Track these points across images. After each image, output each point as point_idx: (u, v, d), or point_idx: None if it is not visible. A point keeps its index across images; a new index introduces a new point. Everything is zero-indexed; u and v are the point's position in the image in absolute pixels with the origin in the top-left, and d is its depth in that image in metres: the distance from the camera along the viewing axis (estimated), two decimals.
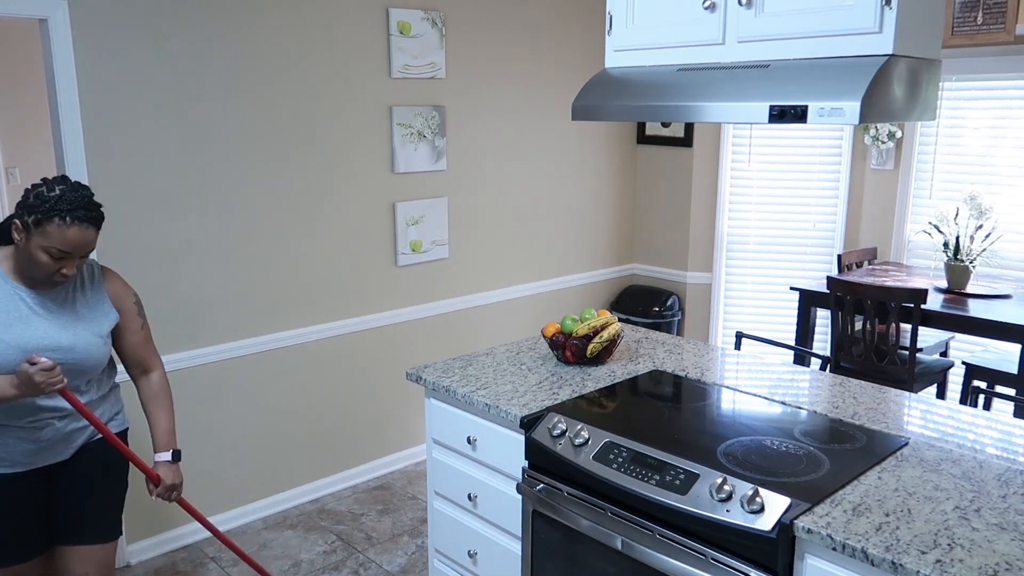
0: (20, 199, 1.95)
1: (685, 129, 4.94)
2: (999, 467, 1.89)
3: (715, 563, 1.77)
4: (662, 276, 5.21)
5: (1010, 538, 1.58)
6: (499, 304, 4.53)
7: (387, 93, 3.83)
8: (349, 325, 3.86)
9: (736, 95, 1.99)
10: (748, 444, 2.01)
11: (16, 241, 1.96)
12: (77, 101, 2.94)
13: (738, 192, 4.94)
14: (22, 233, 1.94)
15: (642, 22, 2.31)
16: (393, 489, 3.95)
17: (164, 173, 3.19)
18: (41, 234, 1.92)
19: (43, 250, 1.93)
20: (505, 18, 4.26)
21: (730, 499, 1.77)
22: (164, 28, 3.12)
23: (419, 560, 3.32)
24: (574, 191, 4.83)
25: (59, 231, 1.92)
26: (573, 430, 2.12)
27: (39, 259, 1.94)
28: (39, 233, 1.92)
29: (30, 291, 2.02)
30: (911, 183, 4.52)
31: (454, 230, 4.22)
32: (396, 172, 3.92)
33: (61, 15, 2.86)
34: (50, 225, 1.91)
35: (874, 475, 1.85)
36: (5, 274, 2.01)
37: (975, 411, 2.28)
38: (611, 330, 2.58)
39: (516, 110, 4.40)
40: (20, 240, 1.95)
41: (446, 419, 2.50)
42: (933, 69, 2.03)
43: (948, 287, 3.99)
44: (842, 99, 1.79)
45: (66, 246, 1.93)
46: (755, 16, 2.06)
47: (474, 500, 2.44)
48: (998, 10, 3.75)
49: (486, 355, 2.74)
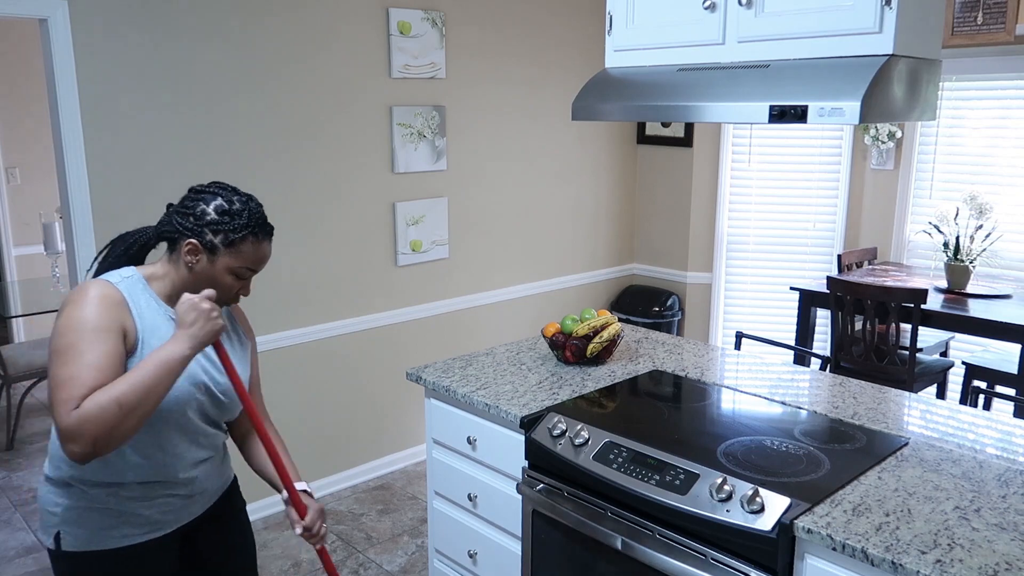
0: (187, 218, 1.67)
1: (685, 129, 4.94)
2: (999, 467, 1.89)
3: (715, 563, 1.77)
4: (662, 276, 5.21)
5: (1010, 538, 1.58)
6: (499, 304, 4.53)
7: (387, 93, 3.83)
8: (349, 325, 3.86)
9: (736, 95, 1.99)
10: (748, 444, 2.01)
11: (190, 263, 1.67)
12: (77, 101, 2.94)
13: (738, 192, 4.94)
14: (201, 255, 1.66)
15: (642, 22, 2.31)
16: (393, 489, 3.95)
17: (164, 173, 3.19)
18: (233, 254, 1.68)
19: (230, 271, 1.69)
20: (505, 18, 4.26)
21: (730, 499, 1.77)
22: (164, 28, 3.12)
23: (419, 560, 3.32)
24: (574, 191, 4.83)
25: (253, 249, 1.70)
26: (573, 430, 2.12)
27: (224, 281, 1.69)
28: (229, 253, 1.67)
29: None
30: (911, 183, 4.52)
31: (454, 230, 4.22)
32: (396, 172, 3.92)
33: (61, 15, 2.86)
34: (244, 244, 1.68)
35: (874, 475, 1.85)
36: (159, 298, 1.69)
37: (975, 411, 2.28)
38: (611, 330, 2.58)
39: (516, 110, 4.40)
40: (196, 262, 1.67)
41: (446, 419, 2.50)
42: (933, 69, 2.03)
43: (948, 287, 3.98)
44: (842, 99, 1.79)
45: (258, 264, 1.73)
46: (755, 16, 2.06)
47: (474, 500, 2.44)
48: (998, 10, 3.75)
49: (486, 355, 2.74)
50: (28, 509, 3.78)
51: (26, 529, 3.60)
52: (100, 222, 3.05)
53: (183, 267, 1.68)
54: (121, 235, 1.77)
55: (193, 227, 1.66)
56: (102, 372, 1.51)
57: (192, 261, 1.67)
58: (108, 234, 3.07)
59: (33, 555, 3.38)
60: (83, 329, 1.53)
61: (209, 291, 1.64)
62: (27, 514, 3.74)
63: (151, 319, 1.65)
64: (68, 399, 1.47)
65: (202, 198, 1.68)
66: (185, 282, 1.69)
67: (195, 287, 1.68)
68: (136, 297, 1.64)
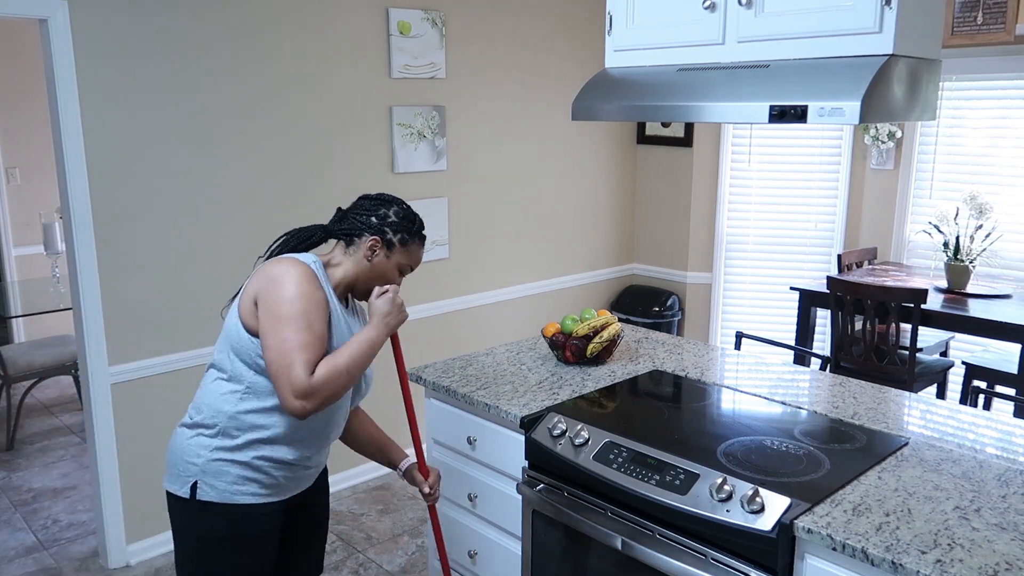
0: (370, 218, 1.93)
1: (685, 129, 4.94)
2: (999, 467, 1.89)
3: (715, 563, 1.77)
4: (662, 276, 5.21)
5: (1010, 538, 1.58)
6: (499, 304, 4.53)
7: (387, 93, 3.83)
8: None
9: (736, 95, 1.99)
10: (748, 444, 2.01)
11: (369, 258, 1.93)
12: (77, 101, 2.94)
13: (738, 192, 4.93)
14: (381, 250, 1.94)
15: (642, 22, 2.31)
16: (393, 489, 3.95)
17: (164, 173, 3.19)
18: (405, 252, 1.97)
19: (399, 268, 1.98)
20: (505, 18, 4.26)
21: (730, 499, 1.77)
22: (164, 28, 3.12)
23: (419, 560, 3.32)
24: (574, 191, 4.83)
25: (419, 250, 2.01)
26: (573, 430, 2.12)
27: (392, 275, 1.97)
28: (403, 252, 1.97)
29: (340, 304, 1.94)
30: (911, 183, 4.52)
31: (454, 230, 4.22)
32: (396, 172, 3.92)
33: (61, 15, 2.86)
34: (413, 244, 1.98)
35: (874, 475, 1.85)
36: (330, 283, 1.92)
37: (975, 411, 2.28)
38: (611, 330, 2.58)
39: (516, 110, 4.40)
40: (375, 256, 1.93)
41: (446, 419, 2.50)
42: (933, 69, 2.03)
43: (948, 287, 3.98)
44: (842, 99, 1.79)
45: (417, 264, 2.03)
46: (755, 16, 2.06)
47: (474, 500, 2.44)
48: (998, 10, 3.75)
49: (486, 355, 2.74)
50: (28, 509, 3.79)
51: (26, 529, 3.60)
52: (100, 222, 3.05)
53: (362, 260, 1.94)
54: (295, 231, 2.00)
55: (377, 227, 1.94)
56: (324, 342, 1.80)
57: (371, 256, 1.93)
58: (108, 234, 3.07)
59: (33, 555, 3.38)
60: (310, 299, 1.78)
61: (396, 287, 1.96)
62: (27, 514, 3.74)
63: (331, 300, 1.89)
64: (307, 362, 1.73)
65: (383, 203, 1.97)
66: (359, 273, 1.95)
67: (368, 279, 1.95)
68: (323, 279, 1.87)
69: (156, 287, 3.21)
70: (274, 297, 1.77)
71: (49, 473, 4.17)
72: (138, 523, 3.30)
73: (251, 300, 1.82)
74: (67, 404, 5.14)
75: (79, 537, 3.52)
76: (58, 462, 4.30)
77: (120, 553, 3.29)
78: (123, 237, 3.12)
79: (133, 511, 3.26)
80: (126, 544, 3.30)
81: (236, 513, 1.85)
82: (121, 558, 3.29)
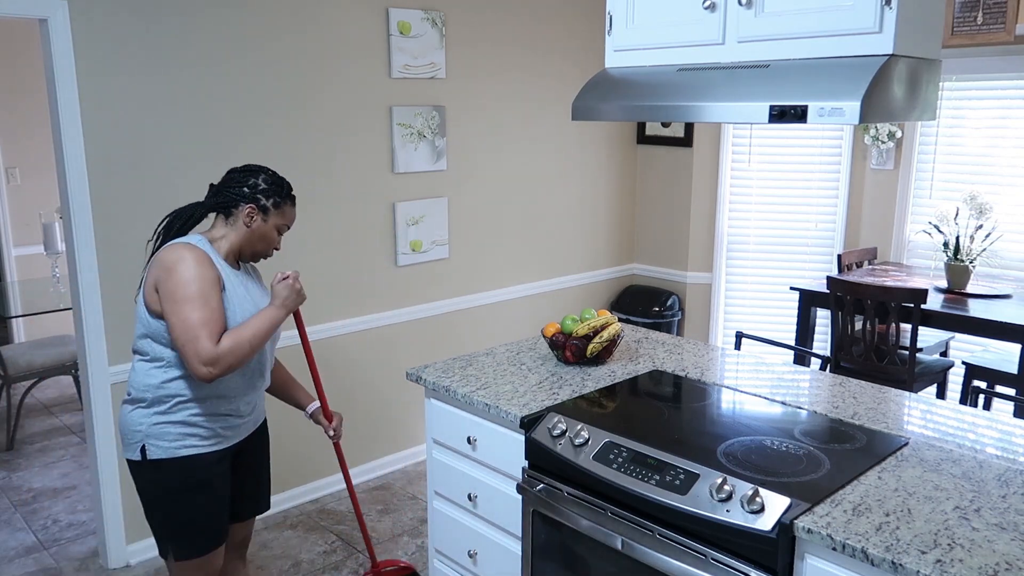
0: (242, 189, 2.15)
1: (685, 129, 4.94)
2: (999, 467, 1.89)
3: (715, 563, 1.77)
4: (662, 276, 5.21)
5: (1010, 538, 1.58)
6: (499, 304, 4.53)
7: (387, 93, 3.83)
8: (349, 325, 3.86)
9: (736, 95, 1.99)
10: (748, 444, 2.01)
11: (248, 224, 2.16)
12: (77, 101, 2.94)
13: (738, 192, 4.93)
14: (258, 215, 2.16)
15: (642, 22, 2.31)
16: (393, 489, 3.95)
17: (164, 173, 3.19)
18: (279, 214, 2.20)
19: (277, 229, 2.21)
20: (505, 18, 4.26)
21: (730, 499, 1.77)
22: (164, 28, 3.12)
23: (419, 560, 3.32)
24: (574, 191, 4.83)
25: (292, 210, 2.24)
26: (573, 430, 2.12)
27: (272, 237, 2.21)
28: (277, 214, 2.20)
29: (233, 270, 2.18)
30: (911, 183, 4.52)
31: (454, 230, 4.22)
32: (396, 172, 3.92)
33: (61, 15, 2.86)
34: (286, 206, 2.21)
35: (874, 475, 1.85)
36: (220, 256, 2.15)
37: (975, 411, 2.28)
38: (611, 330, 2.58)
39: (516, 110, 4.40)
40: (253, 222, 2.16)
41: (446, 419, 2.50)
42: (933, 69, 2.03)
43: (948, 287, 3.98)
44: (842, 99, 1.79)
45: (291, 223, 2.26)
46: (755, 16, 2.06)
47: (474, 500, 2.44)
48: (998, 10, 3.75)
49: (486, 355, 2.74)
50: (28, 509, 3.79)
51: (26, 529, 3.60)
52: (100, 222, 3.05)
53: (242, 227, 2.17)
54: (176, 211, 2.21)
55: (250, 195, 2.16)
56: (222, 314, 2.06)
57: (250, 222, 2.16)
58: (108, 234, 3.07)
59: (33, 555, 3.38)
60: (204, 280, 2.02)
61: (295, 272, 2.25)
62: (27, 514, 3.74)
63: (224, 271, 2.12)
64: (212, 334, 2.00)
65: (251, 173, 2.19)
66: (242, 240, 2.18)
67: (251, 243, 2.19)
68: (212, 255, 2.10)
69: None
70: (172, 282, 2.01)
71: (49, 473, 4.17)
72: (138, 523, 3.30)
73: (152, 288, 2.06)
74: (67, 404, 5.14)
75: (79, 537, 3.52)
76: (58, 462, 4.30)
77: (120, 553, 3.29)
78: (123, 237, 3.12)
79: (133, 511, 3.26)
80: (126, 544, 3.30)
81: (184, 464, 2.13)
82: (121, 558, 3.29)
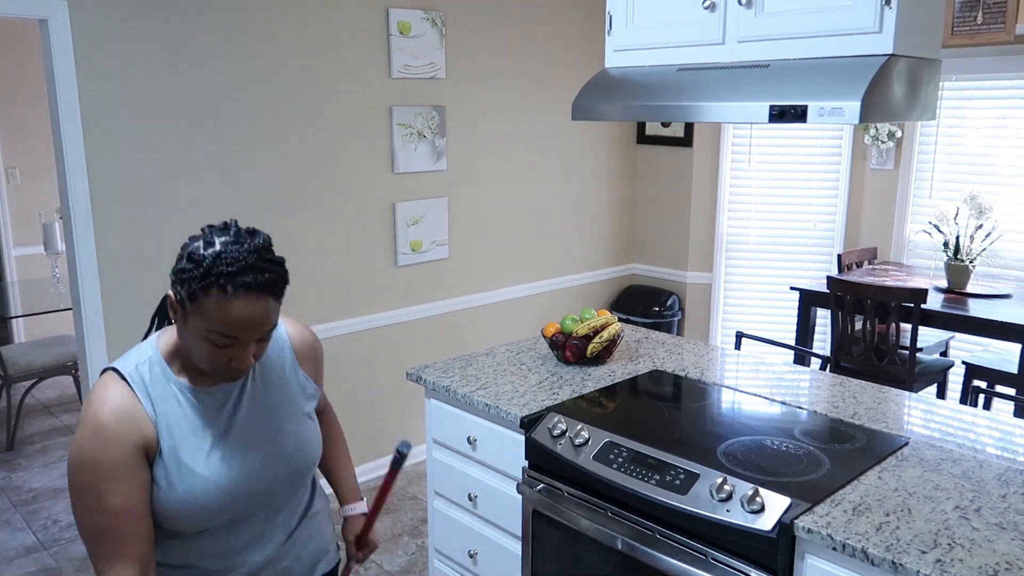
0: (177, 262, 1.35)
1: (685, 129, 4.94)
2: (999, 467, 1.89)
3: (715, 563, 1.77)
4: (662, 276, 5.21)
5: (1010, 538, 1.58)
6: (499, 304, 4.53)
7: (387, 93, 3.83)
8: (349, 325, 3.86)
9: (736, 95, 1.99)
10: (748, 444, 2.01)
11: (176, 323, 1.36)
12: (77, 101, 2.94)
13: (738, 192, 4.93)
14: (178, 312, 1.34)
15: (642, 22, 2.31)
16: (393, 489, 3.95)
17: (164, 173, 3.19)
18: (197, 313, 1.30)
19: (203, 336, 1.31)
20: (505, 19, 4.26)
21: (730, 499, 1.77)
22: (164, 28, 3.12)
23: (419, 560, 3.32)
24: (574, 191, 4.83)
25: (219, 307, 1.28)
26: (573, 430, 2.12)
27: (201, 349, 1.33)
28: (195, 311, 1.30)
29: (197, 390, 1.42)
30: (911, 183, 4.52)
31: (454, 230, 4.22)
32: (396, 172, 3.92)
33: (61, 15, 2.86)
34: (207, 299, 1.29)
35: (874, 475, 1.85)
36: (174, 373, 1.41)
37: (975, 411, 2.28)
38: (611, 330, 2.58)
39: (516, 110, 4.40)
40: (178, 322, 1.36)
41: (446, 419, 2.50)
42: (933, 69, 2.03)
43: (948, 287, 3.98)
44: (842, 99, 1.79)
45: (232, 328, 1.30)
46: (755, 16, 2.06)
47: (474, 500, 2.44)
48: (998, 10, 3.75)
49: (486, 355, 2.74)
50: (28, 509, 3.78)
51: (26, 529, 3.60)
52: (100, 222, 3.05)
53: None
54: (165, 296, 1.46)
55: (172, 277, 1.33)
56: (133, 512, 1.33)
57: (176, 321, 1.36)
58: (108, 234, 3.07)
59: (33, 555, 3.38)
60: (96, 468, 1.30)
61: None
62: (27, 514, 3.74)
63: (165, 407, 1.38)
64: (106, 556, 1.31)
65: (193, 238, 1.35)
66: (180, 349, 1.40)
67: (188, 355, 1.38)
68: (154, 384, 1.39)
69: (156, 287, 3.21)
70: (70, 455, 1.33)
71: (49, 473, 4.17)
72: None
73: None
74: (67, 404, 5.13)
75: (79, 537, 3.52)
76: (58, 462, 4.30)
77: None
78: (123, 237, 3.12)
79: None
80: None
81: None
82: None
